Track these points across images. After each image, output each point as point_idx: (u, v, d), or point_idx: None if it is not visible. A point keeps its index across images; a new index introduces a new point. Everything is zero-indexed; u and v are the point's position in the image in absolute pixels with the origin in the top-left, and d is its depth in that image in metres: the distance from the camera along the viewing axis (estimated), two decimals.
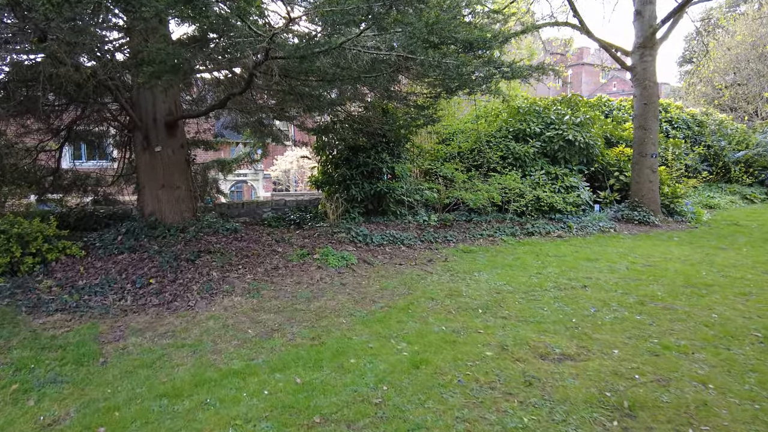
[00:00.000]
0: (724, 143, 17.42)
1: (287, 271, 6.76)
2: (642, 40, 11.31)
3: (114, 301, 5.67)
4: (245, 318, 5.09)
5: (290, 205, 12.14)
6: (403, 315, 4.99)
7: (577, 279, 6.39)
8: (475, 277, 6.46)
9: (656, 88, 11.58)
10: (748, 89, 21.75)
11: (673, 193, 12.10)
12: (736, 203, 15.12)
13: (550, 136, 11.59)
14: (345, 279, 6.52)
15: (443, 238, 9.04)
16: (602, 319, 4.80)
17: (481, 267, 7.06)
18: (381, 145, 10.28)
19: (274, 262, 7.06)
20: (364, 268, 7.08)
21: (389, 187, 10.10)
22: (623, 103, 17.62)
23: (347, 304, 5.40)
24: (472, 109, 13.80)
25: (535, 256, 7.97)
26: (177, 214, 8.35)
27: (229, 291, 6.01)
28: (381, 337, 4.42)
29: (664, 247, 8.52)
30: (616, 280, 6.32)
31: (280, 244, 8.02)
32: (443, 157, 11.92)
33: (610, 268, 7.03)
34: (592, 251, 8.30)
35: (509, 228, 9.91)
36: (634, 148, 11.77)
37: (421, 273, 6.76)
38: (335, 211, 10.20)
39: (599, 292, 5.75)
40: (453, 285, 6.11)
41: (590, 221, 10.71)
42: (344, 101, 9.34)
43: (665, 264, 7.19)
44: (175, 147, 8.43)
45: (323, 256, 7.29)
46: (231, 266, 6.82)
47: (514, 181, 10.21)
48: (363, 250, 8.06)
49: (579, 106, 13.18)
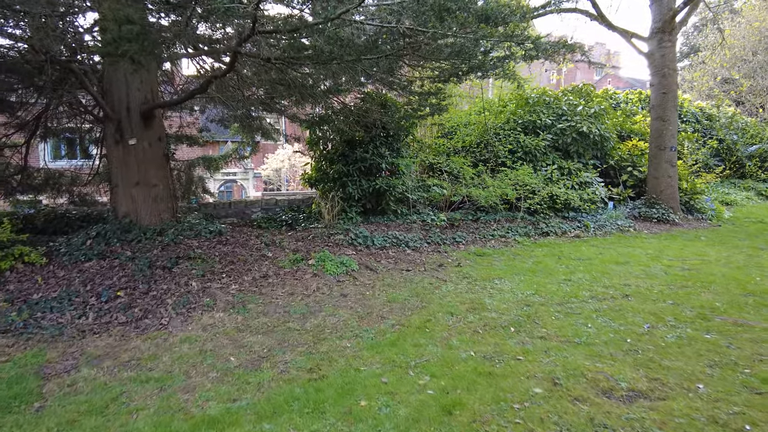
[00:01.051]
0: (736, 137, 16.70)
1: (278, 280, 5.85)
2: (660, 24, 10.50)
3: (72, 319, 4.73)
4: (227, 340, 4.18)
5: (282, 205, 11.24)
6: (420, 336, 4.11)
7: (614, 286, 5.54)
8: (496, 286, 5.59)
9: (676, 76, 10.79)
10: (756, 82, 21.08)
11: (692, 189, 11.31)
12: (752, 199, 14.39)
13: (562, 128, 10.75)
14: (346, 289, 5.62)
15: (451, 240, 8.16)
16: (663, 338, 3.94)
17: (500, 273, 6.19)
18: (380, 139, 9.40)
19: (263, 270, 6.15)
20: (367, 275, 6.19)
21: (389, 184, 9.22)
22: (630, 96, 16.87)
23: (350, 322, 4.50)
24: (471, 105, 12.96)
25: (556, 259, 7.12)
26: (154, 215, 7.41)
27: (210, 305, 5.10)
28: (396, 366, 3.53)
29: (695, 248, 7.71)
30: (659, 287, 5.47)
31: (270, 248, 7.11)
32: (446, 151, 11.05)
33: (645, 272, 6.20)
34: (617, 253, 7.47)
35: (522, 228, 9.06)
36: (650, 140, 10.96)
37: (433, 281, 5.88)
38: (331, 210, 9.31)
39: (645, 303, 4.90)
40: (473, 296, 5.23)
41: (607, 220, 9.89)
42: (340, 90, 8.45)
43: (707, 267, 6.36)
44: (152, 140, 7.49)
45: (319, 262, 6.39)
46: (213, 274, 5.90)
47: (528, 177, 9.35)
48: (364, 254, 7.17)
49: (591, 96, 12.36)
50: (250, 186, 25.63)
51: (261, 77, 7.71)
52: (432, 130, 12.22)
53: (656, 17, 10.60)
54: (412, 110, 9.04)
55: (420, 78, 8.06)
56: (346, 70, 6.66)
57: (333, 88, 8.00)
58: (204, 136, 11.49)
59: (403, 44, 6.22)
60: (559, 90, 12.73)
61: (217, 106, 9.79)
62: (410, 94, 8.30)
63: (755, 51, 19.73)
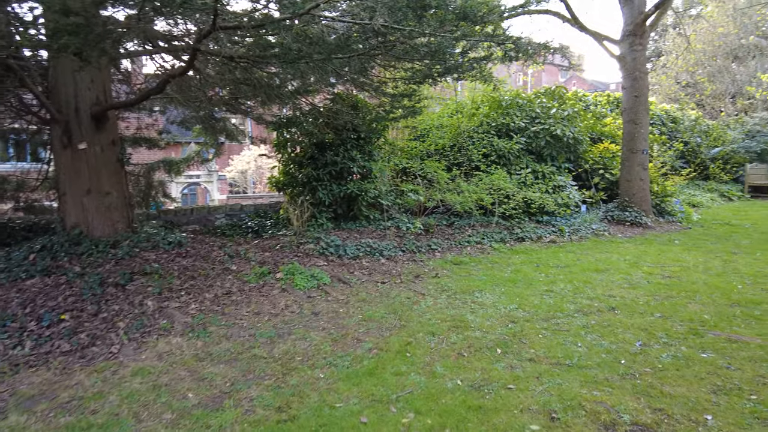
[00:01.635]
0: (700, 140, 17.04)
1: (243, 297, 5.40)
2: (632, 27, 10.48)
3: (5, 350, 4.18)
4: (185, 372, 3.73)
5: (247, 210, 10.73)
6: (401, 362, 3.75)
7: (598, 298, 5.32)
8: (477, 300, 5.29)
9: (647, 80, 10.80)
10: (716, 87, 21.67)
11: (662, 191, 11.36)
12: (716, 201, 14.66)
13: (536, 131, 10.61)
14: (317, 306, 5.22)
15: (427, 248, 7.86)
16: (659, 358, 3.71)
17: (480, 284, 5.90)
18: (351, 142, 9.03)
19: (226, 285, 5.68)
20: (340, 289, 5.80)
21: (361, 188, 8.86)
22: (599, 98, 16.98)
23: (323, 346, 4.11)
24: (443, 106, 12.72)
25: (534, 267, 6.90)
26: (108, 226, 6.83)
27: (167, 328, 4.62)
28: (376, 401, 3.17)
29: (672, 254, 7.63)
30: (644, 298, 5.28)
31: (234, 260, 6.63)
32: (419, 154, 10.76)
33: (627, 281, 6.02)
34: (596, 259, 7.31)
35: (497, 233, 8.84)
36: (623, 143, 10.94)
37: (410, 295, 5.53)
38: (300, 216, 8.87)
39: (633, 317, 4.69)
40: (454, 312, 4.91)
41: (581, 224, 9.79)
42: (308, 91, 8.04)
43: (687, 275, 6.24)
44: (104, 144, 6.91)
45: (288, 275, 5.96)
46: (171, 292, 5.41)
47: (502, 181, 9.14)
48: (336, 265, 6.77)
49: (564, 98, 12.29)
50: (214, 189, 24.81)
51: (225, 77, 7.24)
52: (404, 132, 11.91)
53: (627, 20, 10.57)
54: (384, 112, 8.70)
55: (393, 79, 7.72)
56: (315, 69, 6.26)
57: (301, 88, 7.59)
58: (165, 138, 10.85)
59: (376, 43, 5.87)
60: (531, 92, 12.62)
61: (178, 106, 9.22)
62: (383, 96, 7.95)
63: (716, 56, 20.23)
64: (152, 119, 10.62)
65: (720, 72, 22.21)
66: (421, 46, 6.18)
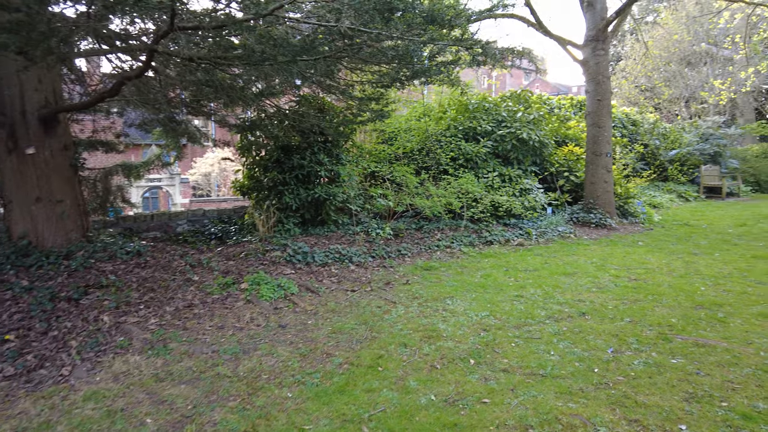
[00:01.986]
0: (659, 142, 17.58)
1: (206, 310, 5.15)
2: (594, 32, 10.67)
3: None
4: (144, 394, 3.49)
5: (210, 216, 10.39)
6: (373, 377, 3.62)
7: (568, 303, 5.32)
8: (449, 307, 5.21)
9: (609, 84, 11.01)
10: (672, 91, 22.45)
11: (625, 193, 11.62)
12: (674, 201, 15.12)
13: (502, 134, 10.67)
14: (284, 318, 5.03)
15: (397, 253, 7.75)
16: (631, 366, 3.70)
17: (451, 291, 5.83)
18: (318, 145, 8.85)
19: (188, 297, 5.42)
20: (308, 299, 5.62)
21: (329, 192, 8.69)
22: (562, 101, 17.28)
23: (291, 362, 3.93)
24: (410, 109, 12.67)
25: (504, 271, 6.89)
26: (60, 236, 6.45)
27: (125, 346, 4.34)
28: (347, 421, 3.02)
29: (636, 255, 7.77)
30: (613, 302, 5.32)
31: (196, 269, 6.36)
32: (387, 158, 10.66)
33: (595, 285, 6.07)
34: (563, 262, 7.36)
35: (466, 237, 8.82)
36: (587, 147, 11.12)
37: (381, 303, 5.40)
38: (266, 222, 8.64)
39: (603, 322, 4.70)
40: (426, 321, 4.81)
41: (547, 226, 9.88)
42: (273, 93, 7.82)
43: (652, 277, 6.34)
44: (55, 148, 6.53)
45: (253, 286, 5.74)
46: (129, 306, 5.12)
47: (471, 185, 9.13)
48: (304, 273, 6.58)
49: (530, 102, 12.42)
50: (176, 192, 24.07)
51: (186, 78, 6.95)
52: (372, 135, 11.79)
53: (590, 25, 10.76)
54: (351, 115, 8.56)
55: (360, 82, 7.59)
56: (280, 71, 6.06)
57: (266, 90, 7.37)
58: (123, 141, 10.38)
59: (342, 45, 5.72)
60: (497, 96, 12.71)
61: (137, 108, 8.83)
62: (350, 99, 7.81)
63: (671, 61, 20.96)
64: (109, 121, 10.14)
65: (674, 77, 23.03)
66: (388, 49, 6.08)
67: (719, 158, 17.82)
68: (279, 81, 7.53)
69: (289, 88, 8.18)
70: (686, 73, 22.38)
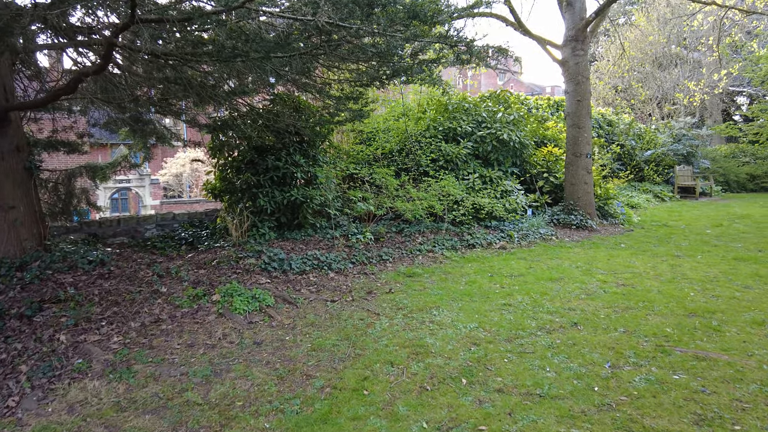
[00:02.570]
0: (635, 143, 17.72)
1: (174, 326, 4.76)
2: (574, 32, 10.58)
3: None
4: (102, 428, 3.11)
5: (181, 220, 9.92)
6: (358, 402, 3.31)
7: (558, 311, 5.11)
8: (435, 319, 4.93)
9: (588, 84, 10.94)
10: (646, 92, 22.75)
11: (605, 194, 11.58)
12: (651, 202, 15.22)
13: (482, 135, 10.48)
14: (260, 333, 4.68)
15: (378, 258, 7.46)
16: (632, 383, 3.48)
17: (436, 300, 5.56)
18: (293, 146, 8.49)
19: (155, 311, 5.01)
20: (285, 311, 5.27)
21: (306, 195, 8.34)
22: (539, 101, 17.26)
23: (268, 386, 3.59)
24: (388, 109, 12.39)
25: (488, 277, 6.67)
26: (13, 245, 5.95)
27: (83, 369, 3.94)
28: None
29: (621, 259, 7.65)
30: (604, 310, 5.13)
31: (165, 279, 5.94)
32: (365, 159, 10.35)
33: (584, 291, 5.89)
34: (548, 267, 7.19)
35: (448, 240, 8.58)
36: (567, 147, 11.03)
37: (364, 315, 5.09)
38: (239, 226, 8.24)
39: (597, 333, 4.49)
40: (412, 335, 4.52)
41: (529, 228, 9.73)
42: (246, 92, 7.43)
43: (640, 282, 6.20)
44: (6, 150, 6.04)
45: (226, 297, 5.36)
46: (90, 322, 4.69)
47: (452, 187, 8.90)
48: (280, 282, 6.23)
49: (509, 102, 12.27)
50: (146, 194, 23.26)
51: (153, 76, 6.52)
52: (349, 136, 11.46)
53: (569, 25, 10.66)
54: (328, 115, 8.22)
55: (338, 80, 7.25)
56: (253, 68, 5.71)
57: (238, 89, 6.99)
58: (87, 141, 9.80)
59: (319, 42, 5.39)
60: (476, 96, 12.53)
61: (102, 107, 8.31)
62: (327, 98, 7.47)
63: (644, 62, 21.21)
64: (71, 121, 9.57)
65: (647, 78, 23.34)
66: (368, 46, 5.77)
67: (692, 158, 18.08)
68: (252, 79, 7.17)
69: (263, 86, 7.80)
70: (659, 75, 22.70)
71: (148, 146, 10.10)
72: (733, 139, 24.96)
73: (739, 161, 20.85)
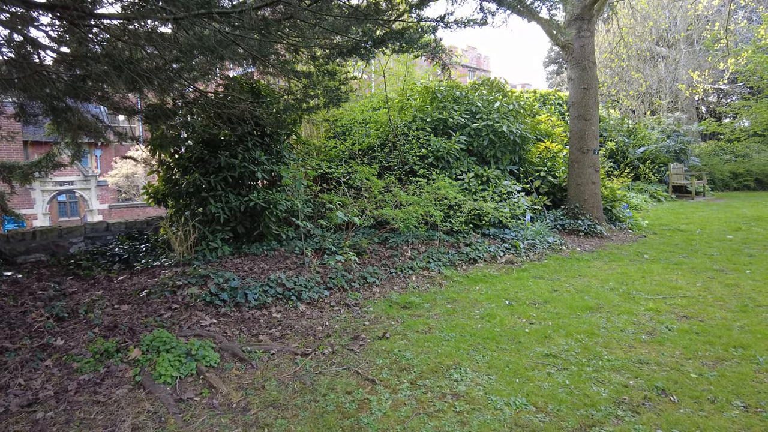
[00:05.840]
0: (627, 140, 16.65)
1: (63, 407, 3.03)
2: (579, 10, 9.21)
3: None
4: None
5: (116, 231, 8.10)
6: None
7: (626, 368, 3.61)
8: (459, 389, 3.34)
9: (595, 70, 9.59)
10: (630, 86, 21.85)
11: (612, 196, 10.27)
12: (648, 202, 14.12)
13: (477, 128, 8.98)
14: (192, 424, 3.00)
15: (361, 281, 5.85)
16: None
17: (450, 350, 3.98)
18: (252, 140, 6.84)
19: (35, 383, 3.26)
20: (235, 376, 3.60)
21: (268, 199, 6.69)
22: (526, 94, 15.96)
23: None
24: (364, 98, 10.79)
25: (506, 306, 5.15)
26: None
27: None
28: None
29: (657, 275, 6.27)
30: (689, 362, 3.65)
31: (66, 324, 4.18)
32: (341, 156, 8.73)
33: (640, 328, 4.42)
34: (575, 289, 5.73)
35: (443, 253, 7.04)
36: (571, 142, 9.65)
37: (351, 384, 3.46)
38: (184, 239, 6.54)
39: (702, 407, 3.01)
40: (433, 426, 2.92)
41: (534, 236, 8.28)
42: (194, 76, 5.71)
43: (704, 312, 4.78)
44: None
45: (149, 355, 3.64)
46: None
47: (449, 189, 7.35)
48: (231, 322, 4.54)
49: (505, 91, 10.83)
50: (93, 197, 20.91)
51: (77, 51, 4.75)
52: (320, 129, 9.81)
53: (576, 2, 9.28)
54: (294, 101, 6.55)
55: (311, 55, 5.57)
56: None
57: (184, 68, 5.31)
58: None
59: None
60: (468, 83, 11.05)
61: (8, 92, 6.42)
62: (293, 76, 5.78)
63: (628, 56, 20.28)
64: None
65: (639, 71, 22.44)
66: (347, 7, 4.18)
67: (683, 156, 17.14)
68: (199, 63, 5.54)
69: (212, 66, 6.09)
70: (660, 62, 21.85)
71: (77, 142, 8.12)
72: (712, 137, 24.42)
73: (722, 159, 20.27)
